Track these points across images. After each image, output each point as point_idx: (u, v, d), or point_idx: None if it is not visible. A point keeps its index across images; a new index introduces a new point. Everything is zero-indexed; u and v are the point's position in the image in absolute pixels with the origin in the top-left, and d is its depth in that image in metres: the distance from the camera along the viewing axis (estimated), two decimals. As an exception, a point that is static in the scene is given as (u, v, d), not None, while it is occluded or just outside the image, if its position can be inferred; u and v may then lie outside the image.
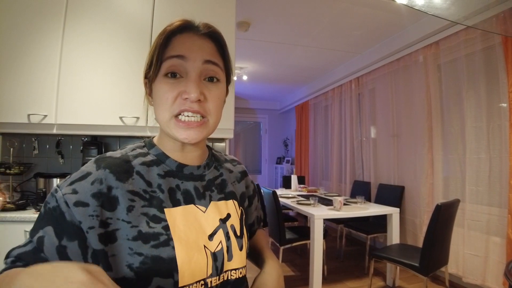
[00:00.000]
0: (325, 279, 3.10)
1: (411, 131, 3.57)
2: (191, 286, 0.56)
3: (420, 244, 2.81)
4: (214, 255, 0.60)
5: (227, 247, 0.63)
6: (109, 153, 0.62)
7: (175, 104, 0.58)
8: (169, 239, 0.55)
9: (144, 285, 0.53)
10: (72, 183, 0.54)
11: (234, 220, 0.67)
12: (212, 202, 0.65)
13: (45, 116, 1.95)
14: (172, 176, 0.63)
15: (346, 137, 4.97)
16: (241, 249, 0.65)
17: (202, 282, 0.57)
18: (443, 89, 3.16)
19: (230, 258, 0.63)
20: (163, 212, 0.58)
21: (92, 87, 2.01)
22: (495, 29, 2.55)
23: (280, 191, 4.48)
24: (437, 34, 3.10)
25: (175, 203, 0.60)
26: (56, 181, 2.00)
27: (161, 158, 0.64)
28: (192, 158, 0.66)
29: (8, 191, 2.04)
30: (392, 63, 3.86)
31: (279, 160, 7.92)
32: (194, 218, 0.61)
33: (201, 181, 0.66)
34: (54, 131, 1.99)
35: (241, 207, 0.71)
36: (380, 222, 3.47)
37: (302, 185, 4.93)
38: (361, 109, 4.65)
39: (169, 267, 0.54)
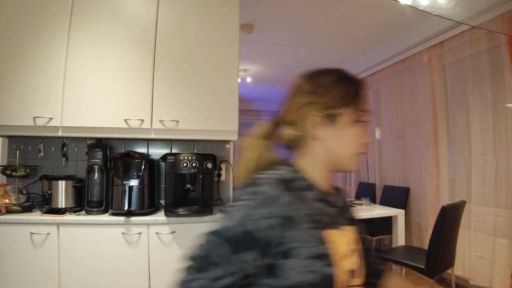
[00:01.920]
0: (330, 281, 3.08)
1: (416, 132, 3.55)
2: None
3: (425, 246, 2.79)
4: (351, 273, 0.68)
5: (359, 265, 0.71)
6: (278, 172, 0.68)
7: (360, 145, 0.72)
8: (331, 259, 0.63)
9: None
10: (265, 206, 0.61)
11: (359, 244, 0.75)
12: (347, 226, 0.74)
13: (51, 118, 1.97)
14: (322, 201, 0.71)
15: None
16: (362, 268, 0.73)
17: None
18: (448, 90, 3.14)
19: (358, 275, 0.70)
20: (323, 234, 0.65)
21: (97, 89, 2.02)
22: (500, 28, 2.53)
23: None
24: (442, 34, 3.09)
25: (326, 226, 0.67)
26: (61, 183, 2.01)
27: (309, 187, 0.70)
28: (326, 185, 0.75)
29: (14, 193, 2.06)
30: (397, 64, 3.84)
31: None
32: (338, 240, 0.68)
33: (334, 207, 0.73)
34: (60, 134, 2.00)
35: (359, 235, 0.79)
36: (385, 224, 3.44)
37: (306, 187, 4.91)
38: (366, 110, 4.62)
39: (329, 283, 0.61)
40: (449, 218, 2.21)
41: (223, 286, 0.58)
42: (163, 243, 1.93)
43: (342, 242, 0.68)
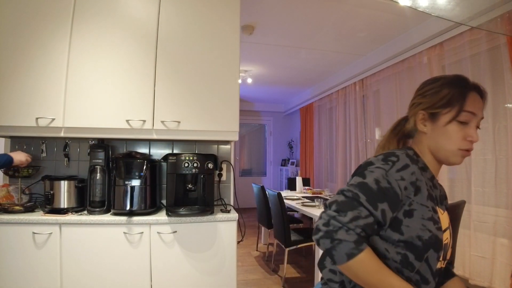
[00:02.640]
0: (331, 281, 3.09)
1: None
2: (441, 262, 0.83)
3: (426, 246, 2.79)
4: (445, 245, 0.84)
5: (451, 242, 0.88)
6: (406, 152, 0.87)
7: (463, 142, 0.84)
8: (441, 227, 0.82)
9: (424, 252, 0.77)
10: (398, 170, 0.79)
11: (450, 226, 0.90)
12: (442, 208, 0.89)
13: (53, 119, 1.98)
14: (431, 182, 0.88)
15: (351, 139, 4.96)
16: (452, 247, 0.90)
17: (442, 262, 0.84)
18: (448, 90, 3.14)
19: (448, 252, 0.87)
20: (436, 207, 0.84)
21: (98, 90, 2.04)
22: (500, 29, 2.54)
23: (285, 193, 4.48)
24: (442, 35, 3.09)
25: (436, 203, 0.85)
26: (63, 184, 2.02)
27: (425, 168, 0.89)
28: (435, 172, 0.92)
29: (17, 194, 2.07)
30: (397, 65, 3.85)
31: (284, 162, 7.92)
32: (440, 216, 0.84)
33: (439, 191, 0.92)
34: (62, 134, 2.02)
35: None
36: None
37: (307, 187, 4.92)
38: (366, 111, 4.64)
39: (439, 245, 0.80)
40: (449, 218, 2.22)
41: (361, 225, 0.72)
42: (164, 242, 1.94)
43: (443, 219, 0.85)
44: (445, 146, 0.85)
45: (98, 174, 2.07)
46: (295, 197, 4.01)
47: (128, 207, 1.98)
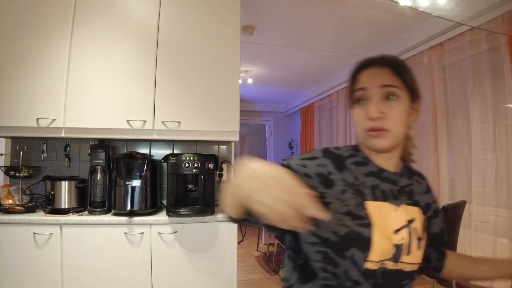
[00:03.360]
0: (331, 282, 3.08)
1: (416, 133, 3.55)
2: (374, 263, 0.70)
3: (426, 246, 2.79)
4: (396, 246, 0.72)
5: (408, 243, 0.74)
6: (331, 148, 0.82)
7: (365, 123, 0.75)
8: (370, 224, 0.70)
9: (342, 249, 0.69)
10: (302, 159, 0.76)
11: (418, 224, 0.78)
12: (402, 205, 0.78)
13: (54, 120, 1.98)
14: (373, 176, 0.78)
15: (351, 140, 4.96)
16: (418, 249, 0.75)
17: (381, 262, 0.70)
18: (448, 90, 3.15)
19: (408, 252, 0.74)
20: (365, 201, 0.74)
21: (99, 91, 2.04)
22: (500, 29, 2.54)
23: (285, 194, 4.47)
24: (442, 35, 3.09)
25: (375, 198, 0.75)
26: (64, 184, 2.03)
27: (366, 161, 0.80)
28: (388, 165, 0.80)
29: (18, 194, 2.08)
30: (397, 65, 3.84)
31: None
32: (386, 214, 0.74)
33: (394, 185, 0.79)
34: (63, 135, 2.02)
35: (424, 216, 0.82)
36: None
37: (307, 188, 4.91)
38: (366, 111, 4.63)
39: (366, 244, 0.69)
40: (450, 218, 2.22)
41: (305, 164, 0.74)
42: (165, 242, 1.94)
43: (391, 216, 0.75)
44: (357, 131, 0.79)
45: (98, 175, 2.07)
46: (296, 198, 4.00)
47: (128, 208, 1.98)
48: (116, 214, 1.98)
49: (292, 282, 0.77)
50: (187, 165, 2.03)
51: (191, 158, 2.05)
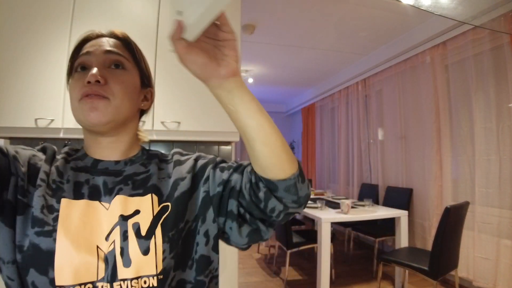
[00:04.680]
0: (333, 283, 3.07)
1: (419, 133, 3.53)
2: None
3: (429, 247, 2.77)
4: (106, 257, 0.52)
5: (122, 248, 0.53)
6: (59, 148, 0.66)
7: (80, 90, 0.58)
8: (53, 231, 0.51)
9: (23, 274, 0.49)
10: (23, 149, 0.59)
11: (143, 218, 0.56)
12: (117, 196, 0.57)
13: (52, 120, 1.96)
14: (84, 171, 0.61)
15: (353, 139, 4.94)
16: (145, 253, 0.53)
17: (89, 285, 0.50)
18: (451, 90, 3.13)
19: (127, 263, 0.52)
20: (59, 202, 0.55)
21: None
22: (503, 28, 2.51)
23: (286, 194, 4.45)
24: (444, 34, 3.07)
25: (78, 196, 0.56)
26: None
27: (82, 157, 0.64)
28: (110, 153, 0.63)
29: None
30: (399, 64, 3.83)
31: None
32: (94, 215, 0.55)
33: (115, 177, 0.61)
34: (61, 135, 2.00)
35: (167, 203, 0.60)
36: (388, 225, 3.42)
37: (309, 188, 4.90)
38: (368, 111, 4.62)
39: (46, 261, 0.49)
40: (453, 219, 2.19)
41: None
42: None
43: (101, 218, 0.55)
44: (72, 109, 0.60)
45: (97, 176, 2.05)
46: (297, 198, 3.98)
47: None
48: (115, 216, 1.96)
49: None
50: (186, 166, 2.01)
51: (191, 159, 2.03)
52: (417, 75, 3.56)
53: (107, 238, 0.53)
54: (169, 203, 0.59)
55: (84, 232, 0.53)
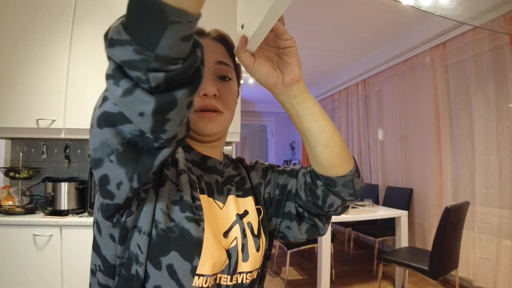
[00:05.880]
0: (333, 283, 3.07)
1: (419, 133, 3.54)
2: (207, 278, 0.50)
3: (429, 247, 2.77)
4: (229, 252, 0.55)
5: (243, 245, 0.57)
6: None
7: (197, 101, 0.58)
8: (201, 220, 0.52)
9: (158, 253, 0.49)
10: None
11: (252, 218, 0.62)
12: (230, 196, 0.62)
13: (53, 120, 1.98)
14: (196, 165, 0.61)
15: (353, 140, 4.94)
16: (257, 249, 0.59)
17: (214, 276, 0.52)
18: (451, 90, 3.13)
19: (245, 258, 0.57)
20: (197, 192, 0.56)
21: (99, 91, 2.01)
22: (503, 28, 2.52)
23: (287, 194, 4.45)
24: (444, 34, 3.08)
25: (201, 191, 0.57)
26: (64, 185, 2.02)
27: (186, 149, 0.62)
28: (214, 153, 0.65)
29: (18, 195, 2.07)
30: (399, 65, 3.83)
31: (286, 163, 7.90)
32: (213, 212, 0.57)
33: (221, 176, 0.63)
34: (62, 136, 2.01)
35: (258, 206, 0.66)
36: (388, 225, 3.43)
37: (309, 188, 4.90)
38: (368, 111, 4.62)
39: (193, 248, 0.49)
40: (453, 219, 2.20)
41: None
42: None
43: (218, 215, 0.58)
44: None
45: (98, 176, 2.06)
46: (297, 198, 3.98)
47: (128, 209, 1.96)
48: (116, 216, 1.97)
49: None
50: (187, 166, 2.02)
51: (192, 159, 2.04)
52: (417, 75, 3.56)
53: (225, 235, 0.56)
54: (260, 206, 0.66)
55: (214, 225, 0.55)
